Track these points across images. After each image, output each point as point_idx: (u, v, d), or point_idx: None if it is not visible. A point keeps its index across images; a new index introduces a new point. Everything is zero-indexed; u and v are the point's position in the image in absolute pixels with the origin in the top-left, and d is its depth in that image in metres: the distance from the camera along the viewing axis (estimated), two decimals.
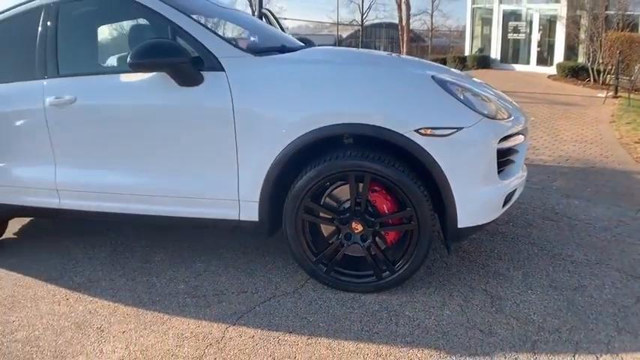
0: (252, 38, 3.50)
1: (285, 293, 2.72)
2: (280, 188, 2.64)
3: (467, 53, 20.19)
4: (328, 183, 2.62)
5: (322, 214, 2.66)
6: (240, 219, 2.74)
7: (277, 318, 2.50)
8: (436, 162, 2.40)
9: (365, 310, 2.52)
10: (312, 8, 47.60)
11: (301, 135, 2.50)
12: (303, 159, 2.58)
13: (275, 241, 3.21)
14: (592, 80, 13.72)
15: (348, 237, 2.62)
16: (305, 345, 2.29)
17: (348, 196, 2.60)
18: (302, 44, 3.65)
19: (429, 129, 2.39)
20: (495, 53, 18.97)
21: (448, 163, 2.41)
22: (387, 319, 2.44)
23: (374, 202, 2.59)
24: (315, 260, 2.69)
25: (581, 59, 15.75)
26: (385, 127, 2.41)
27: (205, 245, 3.37)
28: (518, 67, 18.13)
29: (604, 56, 13.01)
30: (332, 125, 2.47)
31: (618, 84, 11.41)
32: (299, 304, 2.61)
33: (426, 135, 2.39)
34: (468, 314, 2.47)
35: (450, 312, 2.49)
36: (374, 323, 2.42)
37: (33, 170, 3.19)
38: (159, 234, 3.61)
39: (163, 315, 2.59)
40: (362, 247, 2.61)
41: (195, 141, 2.74)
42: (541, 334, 2.30)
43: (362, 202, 2.56)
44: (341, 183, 2.62)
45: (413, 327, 2.38)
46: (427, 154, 2.40)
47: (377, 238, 2.63)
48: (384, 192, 2.58)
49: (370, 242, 2.60)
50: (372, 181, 2.51)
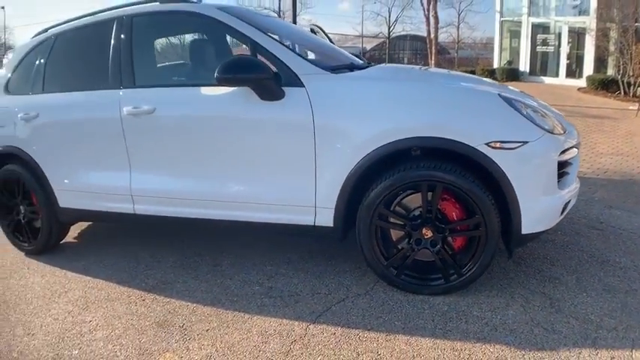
0: (323, 56, 3.70)
1: (357, 295, 2.89)
2: (353, 195, 2.81)
3: (495, 65, 20.19)
4: (401, 192, 2.79)
5: (394, 221, 2.84)
6: (315, 224, 2.91)
7: (354, 317, 2.67)
8: (504, 173, 2.58)
9: (435, 311, 2.69)
10: (338, 20, 48.11)
11: (377, 147, 2.68)
12: (376, 169, 2.75)
13: (337, 247, 3.38)
14: (622, 93, 13.70)
15: (419, 242, 2.79)
16: (385, 341, 2.46)
17: (417, 204, 2.78)
18: (366, 62, 3.85)
19: (499, 142, 2.57)
20: (524, 66, 18.98)
21: (515, 174, 2.58)
22: (457, 319, 2.61)
23: (443, 210, 2.77)
24: (386, 264, 2.86)
25: (610, 72, 15.73)
26: (458, 141, 2.58)
27: (271, 250, 3.53)
28: (547, 80, 18.12)
29: (634, 69, 12.98)
30: (405, 138, 2.65)
31: None
32: (372, 305, 2.77)
33: (496, 148, 2.56)
34: (531, 314, 2.63)
35: (514, 312, 2.65)
36: (445, 322, 2.59)
37: (108, 176, 3.35)
38: (224, 239, 3.76)
39: (244, 314, 2.74)
40: (431, 252, 2.78)
41: (275, 151, 2.91)
42: (600, 332, 2.46)
43: (433, 210, 2.73)
44: (410, 192, 2.79)
45: (482, 325, 2.54)
46: (497, 166, 2.57)
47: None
48: (453, 200, 2.76)
49: (440, 247, 2.77)
50: (443, 190, 2.69)
